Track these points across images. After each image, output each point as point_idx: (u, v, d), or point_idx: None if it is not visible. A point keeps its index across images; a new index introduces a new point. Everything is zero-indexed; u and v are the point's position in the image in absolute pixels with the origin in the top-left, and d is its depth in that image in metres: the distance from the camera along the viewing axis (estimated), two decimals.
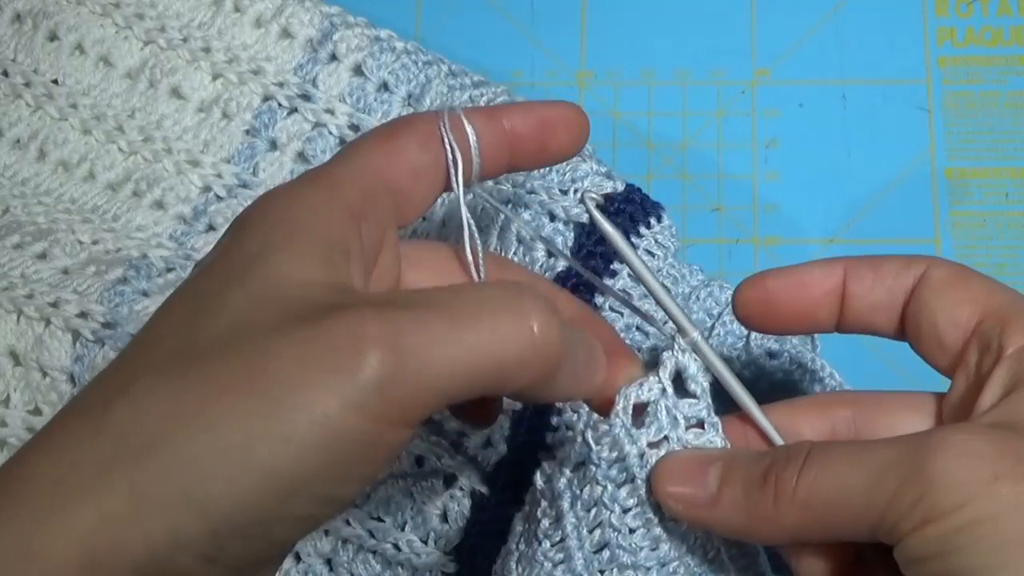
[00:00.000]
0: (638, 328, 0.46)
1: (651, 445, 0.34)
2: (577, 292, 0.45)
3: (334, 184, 0.33)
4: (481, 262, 0.36)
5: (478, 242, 0.36)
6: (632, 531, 0.34)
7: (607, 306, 0.46)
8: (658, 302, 0.36)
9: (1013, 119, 0.56)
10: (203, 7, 0.55)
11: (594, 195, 0.37)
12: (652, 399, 0.34)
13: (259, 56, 0.53)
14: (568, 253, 0.45)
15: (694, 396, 0.35)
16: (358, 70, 0.52)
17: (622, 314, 0.46)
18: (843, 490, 0.31)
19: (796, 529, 0.32)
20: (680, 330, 0.36)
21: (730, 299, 0.48)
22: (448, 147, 0.35)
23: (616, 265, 0.46)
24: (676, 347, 0.35)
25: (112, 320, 0.48)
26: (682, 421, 0.35)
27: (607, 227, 0.36)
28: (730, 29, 0.58)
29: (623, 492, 0.34)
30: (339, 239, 0.31)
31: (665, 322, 0.42)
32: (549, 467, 0.36)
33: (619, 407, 0.34)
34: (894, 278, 0.36)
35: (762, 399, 0.37)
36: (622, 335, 0.46)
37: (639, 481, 0.34)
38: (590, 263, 0.46)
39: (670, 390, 0.35)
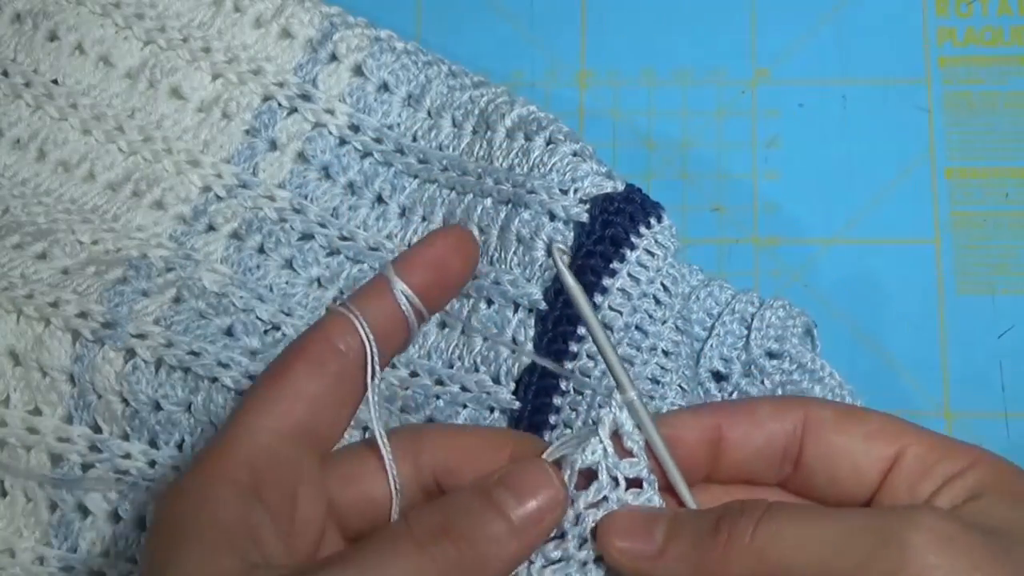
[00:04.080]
0: (637, 328, 0.46)
1: (591, 506, 0.35)
2: (585, 275, 0.45)
3: (218, 471, 0.34)
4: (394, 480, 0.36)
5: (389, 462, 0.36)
6: None
7: (606, 305, 0.46)
8: (602, 355, 0.37)
9: (1013, 119, 0.56)
10: (203, 7, 0.55)
11: (562, 247, 0.37)
12: (595, 462, 0.35)
13: (259, 56, 0.53)
14: (567, 259, 0.45)
15: (631, 454, 0.35)
16: (358, 70, 0.52)
17: (621, 313, 0.46)
18: (805, 546, 0.31)
19: None
20: (618, 386, 0.36)
21: (729, 300, 0.49)
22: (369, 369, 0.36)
23: (615, 264, 0.46)
24: (614, 404, 0.36)
25: (112, 320, 0.48)
26: (622, 481, 0.35)
27: (569, 280, 0.38)
28: (730, 29, 0.58)
29: (550, 546, 0.35)
30: (236, 522, 0.33)
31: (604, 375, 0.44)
32: None
33: (565, 476, 0.35)
34: (772, 423, 0.36)
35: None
36: (620, 335, 0.46)
37: (569, 536, 0.35)
38: (590, 262, 0.46)
39: (611, 450, 0.35)
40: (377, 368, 0.36)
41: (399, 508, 0.36)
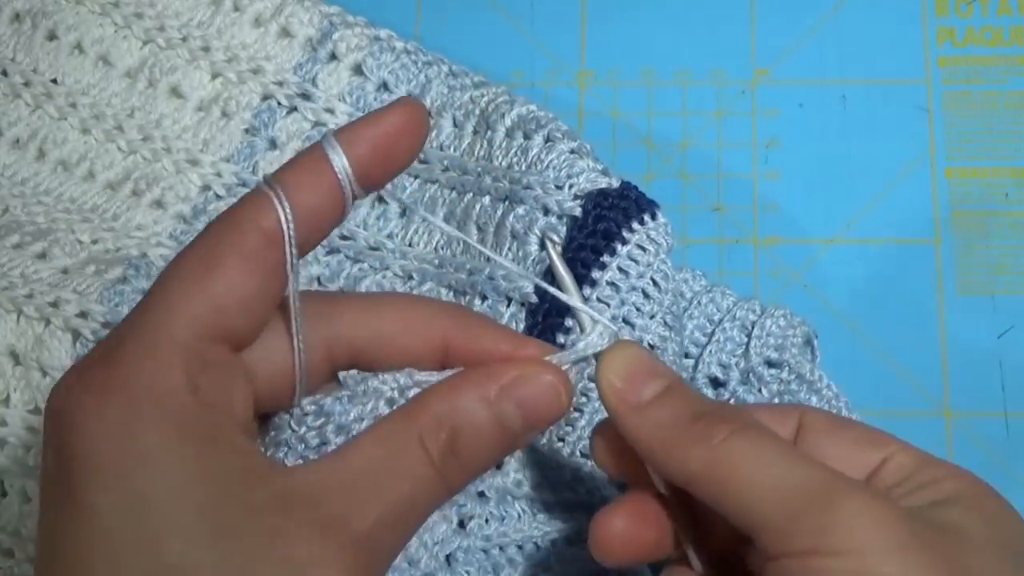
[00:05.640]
0: (624, 320, 0.46)
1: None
2: (575, 268, 0.45)
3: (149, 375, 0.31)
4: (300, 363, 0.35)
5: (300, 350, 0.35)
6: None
7: (595, 296, 0.46)
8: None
9: (1013, 119, 0.56)
10: (202, 6, 0.55)
11: (555, 239, 0.37)
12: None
13: (258, 55, 0.53)
14: (559, 249, 0.45)
15: None
16: (358, 70, 0.52)
17: (608, 305, 0.46)
18: (756, 479, 0.32)
19: (693, 476, 0.33)
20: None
21: (731, 306, 0.49)
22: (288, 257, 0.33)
23: (605, 258, 0.46)
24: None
25: (112, 320, 0.47)
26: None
27: (560, 269, 0.38)
28: (730, 29, 0.58)
29: None
30: (196, 422, 0.31)
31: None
32: None
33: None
34: (774, 423, 0.36)
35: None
36: (614, 323, 0.46)
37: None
38: (580, 255, 0.46)
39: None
40: (296, 256, 0.33)
41: (302, 388, 0.35)
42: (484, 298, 0.47)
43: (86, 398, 0.30)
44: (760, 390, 0.47)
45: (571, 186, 0.46)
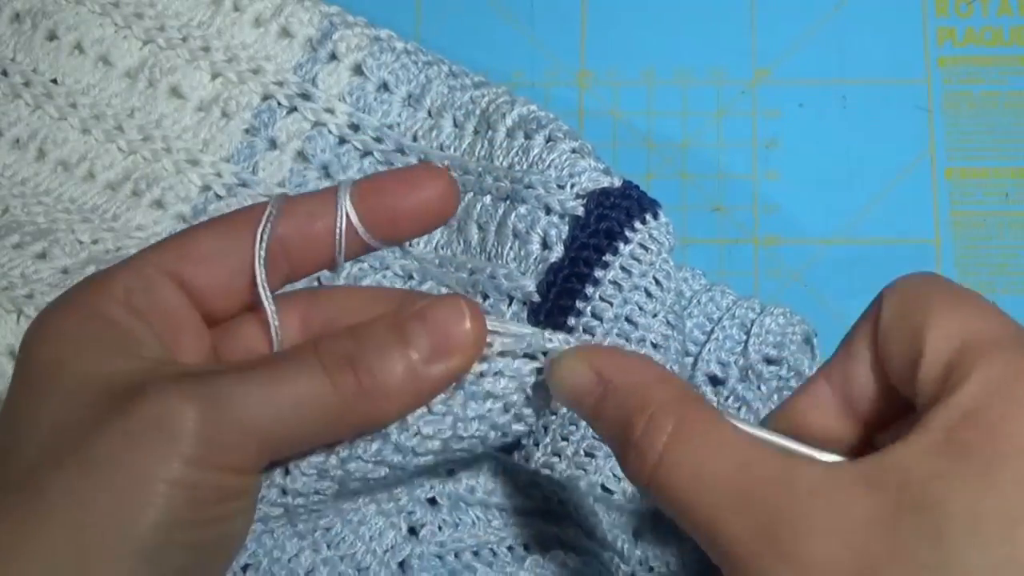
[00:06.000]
0: (627, 319, 0.46)
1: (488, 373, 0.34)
2: (568, 284, 0.45)
3: (104, 289, 0.33)
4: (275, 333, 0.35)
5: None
6: None
7: (597, 295, 0.46)
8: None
9: (1013, 119, 0.56)
10: (202, 6, 0.55)
11: (497, 329, 0.36)
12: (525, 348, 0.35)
13: (258, 55, 0.53)
14: (562, 246, 0.46)
15: None
16: (358, 70, 0.52)
17: (611, 304, 0.46)
18: (698, 485, 0.30)
19: (650, 492, 0.32)
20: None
21: (730, 305, 0.49)
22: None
23: (608, 257, 0.46)
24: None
25: None
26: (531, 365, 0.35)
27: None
28: (730, 29, 0.58)
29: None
30: (126, 331, 0.33)
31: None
32: None
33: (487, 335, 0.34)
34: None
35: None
36: (610, 325, 0.46)
37: (461, 391, 0.34)
38: (583, 254, 0.46)
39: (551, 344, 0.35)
40: (268, 232, 0.34)
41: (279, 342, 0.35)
42: (486, 297, 0.47)
43: (50, 309, 0.34)
44: (759, 387, 0.48)
45: (573, 185, 0.46)
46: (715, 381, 0.48)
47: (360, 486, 0.36)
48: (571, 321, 0.45)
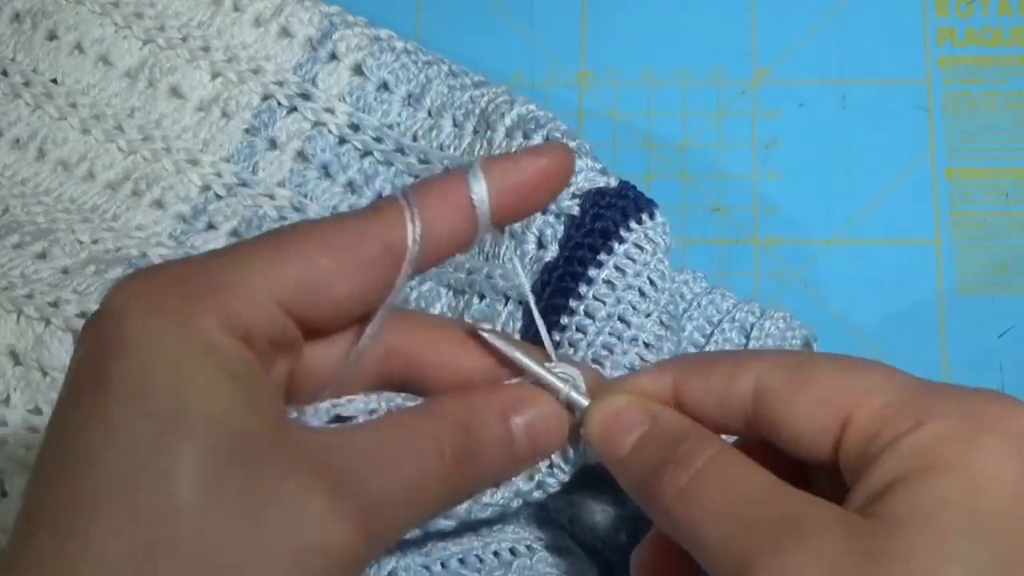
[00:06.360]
0: (620, 318, 0.46)
1: None
2: (562, 283, 0.45)
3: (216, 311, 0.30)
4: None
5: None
6: None
7: (591, 295, 0.46)
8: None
9: (1013, 119, 0.56)
10: (202, 6, 0.55)
11: (485, 328, 0.37)
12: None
13: (258, 55, 0.53)
14: (557, 245, 0.46)
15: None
16: (358, 69, 0.52)
17: (604, 303, 0.46)
18: (717, 522, 0.31)
19: (669, 530, 0.33)
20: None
21: (730, 308, 0.49)
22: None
23: (602, 256, 0.46)
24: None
25: None
26: None
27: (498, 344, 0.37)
28: (730, 29, 0.58)
29: None
30: (243, 373, 0.30)
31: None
32: None
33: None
34: (728, 382, 0.34)
35: None
36: (602, 324, 0.45)
37: None
38: (577, 253, 0.46)
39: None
40: (408, 277, 0.33)
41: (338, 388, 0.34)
42: (482, 297, 0.47)
43: (145, 291, 0.29)
44: None
45: (569, 185, 0.46)
46: None
47: None
48: (564, 320, 0.45)
